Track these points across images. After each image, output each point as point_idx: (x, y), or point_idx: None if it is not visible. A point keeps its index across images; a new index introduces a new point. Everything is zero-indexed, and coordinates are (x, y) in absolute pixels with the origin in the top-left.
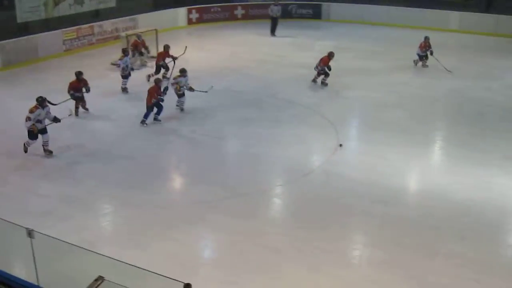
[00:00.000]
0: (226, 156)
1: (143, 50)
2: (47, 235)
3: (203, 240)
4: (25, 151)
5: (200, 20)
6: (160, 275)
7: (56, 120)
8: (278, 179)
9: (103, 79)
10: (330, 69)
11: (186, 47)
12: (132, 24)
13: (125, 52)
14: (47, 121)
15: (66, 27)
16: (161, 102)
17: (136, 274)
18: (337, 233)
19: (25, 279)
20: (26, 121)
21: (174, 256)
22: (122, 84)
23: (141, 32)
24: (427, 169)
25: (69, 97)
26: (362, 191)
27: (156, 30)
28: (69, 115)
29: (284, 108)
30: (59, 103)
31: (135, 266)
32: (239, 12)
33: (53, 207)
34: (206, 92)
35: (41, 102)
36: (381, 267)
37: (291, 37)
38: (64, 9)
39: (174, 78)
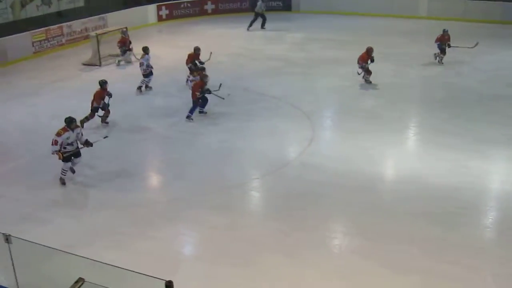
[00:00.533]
0: (201, 152)
1: (131, 46)
2: (25, 240)
3: (182, 237)
4: (63, 183)
5: (170, 17)
6: (141, 273)
7: (88, 144)
8: (254, 172)
9: (75, 80)
10: (373, 61)
11: (211, 52)
12: (102, 23)
13: (146, 50)
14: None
15: (34, 29)
16: (200, 98)
17: (117, 274)
18: (317, 223)
19: (4, 285)
20: (52, 144)
21: (154, 254)
22: (141, 83)
23: (112, 31)
24: (403, 156)
25: (102, 112)
26: (339, 181)
27: (126, 28)
28: (105, 138)
29: (257, 100)
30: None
31: (115, 266)
32: (209, 7)
33: (28, 211)
34: (223, 98)
35: (69, 123)
36: (361, 254)
37: (262, 30)
38: (31, 11)
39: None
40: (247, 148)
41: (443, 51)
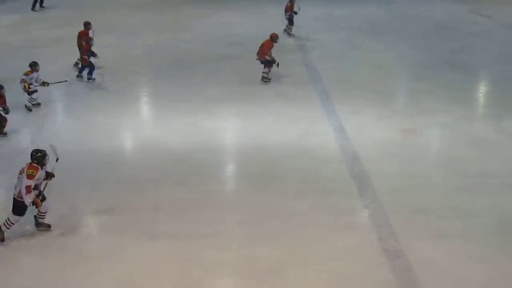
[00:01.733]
0: None
1: None
2: None
3: None
4: (2, 240)
5: None
6: None
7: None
8: None
9: None
10: (275, 62)
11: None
12: None
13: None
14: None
15: None
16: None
17: None
18: (63, 208)
19: None
20: (27, 193)
21: None
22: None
23: None
24: (139, 126)
25: None
26: (84, 160)
27: None
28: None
29: None
30: None
31: None
32: None
33: None
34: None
35: (42, 158)
36: (114, 230)
37: None
38: None
39: (25, 74)
40: None
41: (291, 22)
